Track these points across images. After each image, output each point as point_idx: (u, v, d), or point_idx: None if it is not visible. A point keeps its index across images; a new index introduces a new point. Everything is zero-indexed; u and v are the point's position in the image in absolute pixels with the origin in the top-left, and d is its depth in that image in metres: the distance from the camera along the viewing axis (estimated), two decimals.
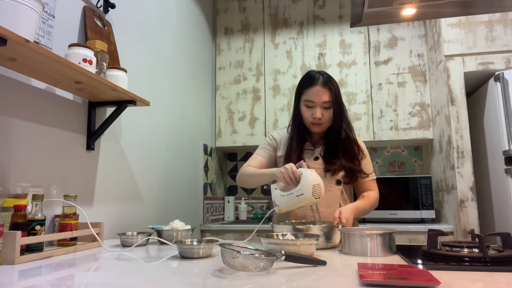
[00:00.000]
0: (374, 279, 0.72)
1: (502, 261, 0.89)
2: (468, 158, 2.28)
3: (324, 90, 1.56)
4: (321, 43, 3.03)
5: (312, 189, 1.32)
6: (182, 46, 2.60)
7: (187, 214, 2.55)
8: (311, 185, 1.33)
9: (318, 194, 1.33)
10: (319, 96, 1.56)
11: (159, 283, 0.78)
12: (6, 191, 1.13)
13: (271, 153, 1.71)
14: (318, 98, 1.56)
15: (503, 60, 2.32)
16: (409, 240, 2.43)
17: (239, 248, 0.86)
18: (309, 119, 1.59)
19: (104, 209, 1.69)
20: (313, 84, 1.57)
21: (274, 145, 1.72)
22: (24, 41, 0.99)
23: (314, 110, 1.57)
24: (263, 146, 1.74)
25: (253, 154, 1.73)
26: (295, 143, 1.64)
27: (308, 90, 1.58)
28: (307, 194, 1.32)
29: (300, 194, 1.33)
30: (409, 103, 2.82)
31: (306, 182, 1.33)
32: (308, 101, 1.58)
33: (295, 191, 1.34)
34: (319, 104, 1.56)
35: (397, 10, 1.47)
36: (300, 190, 1.34)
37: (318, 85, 1.56)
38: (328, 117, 1.59)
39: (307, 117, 1.60)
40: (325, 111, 1.58)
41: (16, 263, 0.99)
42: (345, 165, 1.59)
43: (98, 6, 1.70)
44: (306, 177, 1.34)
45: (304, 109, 1.60)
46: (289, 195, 1.36)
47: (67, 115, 1.49)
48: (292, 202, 1.36)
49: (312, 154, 1.65)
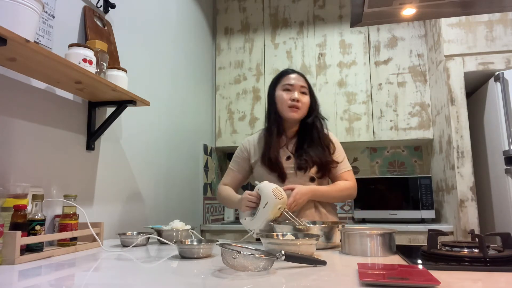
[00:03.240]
0: (374, 279, 0.72)
1: (502, 261, 0.89)
2: (468, 158, 2.28)
3: (300, 77, 1.69)
4: (321, 43, 3.03)
5: (273, 194, 1.37)
6: (182, 46, 2.60)
7: (187, 214, 2.55)
8: (270, 190, 1.38)
9: (281, 195, 1.37)
10: (297, 80, 1.67)
11: (159, 283, 0.78)
12: (6, 191, 1.13)
13: (243, 164, 1.74)
14: (296, 81, 1.66)
15: (503, 60, 2.32)
16: (409, 240, 2.43)
17: (239, 248, 0.86)
18: (287, 103, 1.63)
19: (104, 209, 1.69)
20: (290, 73, 1.70)
21: (245, 156, 1.74)
22: (24, 41, 0.99)
23: (292, 93, 1.64)
24: (235, 158, 1.77)
25: (228, 168, 1.79)
26: (272, 141, 1.66)
27: (286, 76, 1.69)
28: (271, 200, 1.36)
29: (265, 203, 1.37)
30: (409, 103, 2.82)
31: (265, 191, 1.39)
32: (287, 85, 1.66)
33: (260, 206, 1.39)
34: (297, 88, 1.65)
35: (397, 10, 1.47)
36: (263, 201, 1.38)
37: (295, 73, 1.69)
38: (305, 103, 1.65)
39: (285, 100, 1.64)
40: (302, 96, 1.65)
41: (16, 263, 0.99)
42: (315, 159, 1.61)
43: (98, 6, 1.70)
44: (263, 187, 1.40)
45: (282, 94, 1.65)
46: (258, 213, 1.40)
47: (67, 115, 1.49)
48: (263, 217, 1.38)
49: (284, 154, 1.67)
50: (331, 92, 2.94)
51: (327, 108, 2.93)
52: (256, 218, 1.40)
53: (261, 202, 1.39)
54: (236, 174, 1.75)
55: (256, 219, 1.40)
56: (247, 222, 1.44)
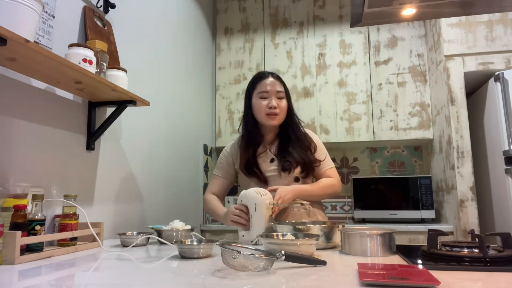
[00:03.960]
0: (374, 279, 0.72)
1: (502, 261, 0.89)
2: (468, 158, 2.28)
3: (276, 81, 1.66)
4: (321, 43, 3.03)
5: (257, 194, 1.39)
6: (182, 46, 2.60)
7: (187, 214, 2.55)
8: (253, 192, 1.40)
9: (264, 192, 1.41)
10: (272, 85, 1.64)
11: (159, 283, 0.78)
12: (6, 191, 1.12)
13: (228, 169, 1.74)
14: (272, 87, 1.63)
15: (503, 60, 2.32)
16: (409, 240, 2.43)
17: (239, 248, 0.86)
18: (264, 111, 1.62)
19: (104, 209, 1.69)
20: (265, 78, 1.66)
21: (229, 160, 1.74)
22: (24, 41, 0.99)
23: (269, 100, 1.62)
24: (219, 164, 1.77)
25: (213, 174, 1.78)
26: (248, 145, 1.66)
27: (261, 82, 1.65)
28: (258, 200, 1.38)
29: (255, 206, 1.39)
30: (409, 103, 2.82)
31: (249, 195, 1.41)
32: (263, 92, 1.63)
33: (251, 212, 1.40)
34: (273, 94, 1.63)
35: (397, 10, 1.47)
36: (251, 205, 1.40)
37: (270, 77, 1.66)
38: (283, 107, 1.64)
39: (262, 108, 1.62)
40: (280, 101, 1.64)
41: (16, 263, 0.99)
42: (298, 160, 1.62)
43: (98, 6, 1.70)
44: (245, 194, 1.42)
45: (259, 102, 1.64)
46: (252, 219, 1.40)
47: (67, 115, 1.49)
48: (260, 219, 1.39)
49: (267, 157, 1.67)
50: (331, 92, 2.94)
51: (327, 108, 2.93)
52: (253, 225, 1.39)
53: (250, 209, 1.40)
54: (222, 180, 1.75)
55: (253, 226, 1.39)
56: (247, 235, 1.41)
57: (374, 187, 2.74)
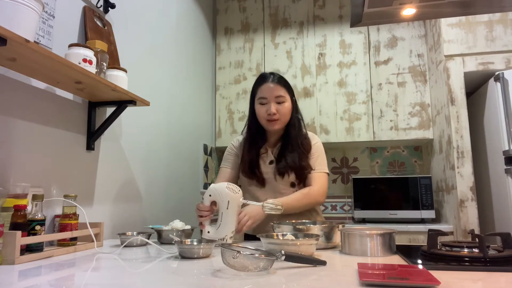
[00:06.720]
0: (374, 279, 0.72)
1: (502, 261, 0.89)
2: (468, 158, 2.28)
3: (275, 85, 1.61)
4: (321, 43, 3.03)
5: (230, 192, 1.27)
6: (182, 46, 2.60)
7: (187, 214, 2.55)
8: (225, 189, 1.27)
9: (237, 189, 1.28)
10: (271, 91, 1.60)
11: (159, 283, 0.78)
12: (6, 191, 1.12)
13: (236, 160, 1.72)
14: (270, 93, 1.60)
15: (503, 60, 2.32)
16: (409, 240, 2.43)
17: (239, 248, 0.86)
18: (264, 117, 1.61)
19: (104, 209, 1.69)
20: (264, 82, 1.63)
21: (236, 152, 1.73)
22: (24, 41, 0.99)
23: (268, 106, 1.60)
24: (226, 157, 1.75)
25: (220, 169, 1.74)
26: (251, 148, 1.65)
27: (260, 87, 1.63)
28: (232, 197, 1.26)
29: (227, 204, 1.27)
30: (409, 103, 2.82)
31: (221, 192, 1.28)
32: (262, 98, 1.62)
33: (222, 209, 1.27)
34: (272, 99, 1.60)
35: (397, 10, 1.47)
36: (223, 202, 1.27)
37: (269, 81, 1.62)
38: (284, 112, 1.61)
39: (262, 114, 1.61)
40: (280, 106, 1.60)
41: (16, 263, 0.99)
42: (291, 165, 1.59)
43: (98, 6, 1.70)
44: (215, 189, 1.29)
45: (259, 108, 1.63)
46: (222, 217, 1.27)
47: (67, 115, 1.49)
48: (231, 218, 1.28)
49: (268, 158, 1.67)
50: (331, 92, 2.94)
51: (327, 108, 2.93)
52: (222, 223, 1.27)
53: (221, 205, 1.27)
54: (230, 171, 1.70)
55: (223, 224, 1.27)
56: (213, 232, 1.29)
57: (374, 187, 2.74)
